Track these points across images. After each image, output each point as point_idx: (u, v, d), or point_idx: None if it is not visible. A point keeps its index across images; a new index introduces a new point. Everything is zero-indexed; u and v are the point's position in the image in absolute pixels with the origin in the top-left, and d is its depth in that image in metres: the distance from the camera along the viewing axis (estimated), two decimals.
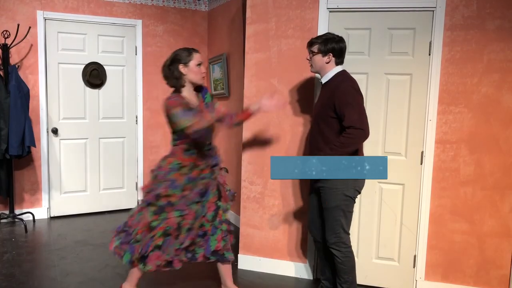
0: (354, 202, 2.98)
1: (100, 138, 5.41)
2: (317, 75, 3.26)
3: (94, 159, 5.40)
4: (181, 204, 2.77)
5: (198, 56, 2.81)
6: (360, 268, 3.53)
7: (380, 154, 3.43)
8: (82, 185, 5.37)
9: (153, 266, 2.81)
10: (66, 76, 5.16)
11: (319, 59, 2.94)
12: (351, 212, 2.97)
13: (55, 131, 5.14)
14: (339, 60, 2.96)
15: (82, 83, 5.24)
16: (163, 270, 2.89)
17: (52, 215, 5.22)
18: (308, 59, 3.05)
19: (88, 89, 5.29)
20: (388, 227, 3.48)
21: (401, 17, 3.32)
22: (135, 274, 2.98)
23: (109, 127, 5.46)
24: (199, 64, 2.80)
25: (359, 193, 2.99)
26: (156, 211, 2.77)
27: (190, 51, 2.80)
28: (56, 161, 5.19)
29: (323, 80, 2.99)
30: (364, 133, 2.75)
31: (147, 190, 2.84)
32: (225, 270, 3.11)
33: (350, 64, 3.40)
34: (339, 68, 2.95)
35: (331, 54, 2.91)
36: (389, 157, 3.40)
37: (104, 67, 5.32)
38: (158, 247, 2.79)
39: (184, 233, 2.81)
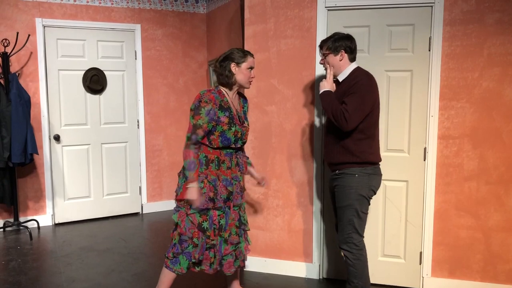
0: (369, 203, 2.93)
1: (102, 143, 5.41)
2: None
3: (96, 165, 5.41)
4: (219, 201, 2.76)
5: (251, 61, 2.81)
6: None
7: (383, 151, 3.41)
8: (85, 191, 5.37)
9: (205, 266, 2.82)
10: (67, 82, 5.17)
11: (332, 59, 2.90)
12: (365, 213, 2.90)
13: (57, 138, 5.15)
14: (352, 56, 2.92)
15: (83, 89, 5.25)
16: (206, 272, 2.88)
17: (56, 222, 5.22)
18: (321, 64, 3.01)
19: (88, 95, 5.29)
20: (393, 224, 3.47)
21: (399, 13, 3.31)
22: (167, 277, 2.88)
23: (111, 132, 5.47)
24: (250, 68, 2.80)
25: (375, 193, 2.93)
26: (201, 212, 2.75)
27: (245, 53, 2.80)
28: (59, 168, 5.20)
29: (341, 78, 2.93)
30: (346, 125, 2.73)
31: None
32: (234, 272, 3.09)
33: None
34: (354, 65, 2.92)
35: (342, 51, 2.87)
36: (392, 154, 3.41)
37: (104, 72, 5.33)
38: (212, 246, 2.79)
39: (234, 233, 2.86)
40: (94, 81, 5.25)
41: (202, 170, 2.76)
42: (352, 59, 2.92)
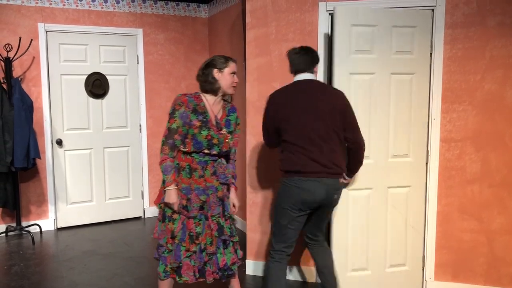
0: (294, 215, 2.77)
1: (104, 147, 5.42)
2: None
3: (99, 169, 5.41)
4: (194, 210, 2.73)
5: (233, 66, 2.80)
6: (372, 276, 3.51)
7: (388, 157, 3.37)
8: (88, 195, 5.37)
9: (188, 276, 2.77)
10: (69, 87, 5.18)
11: None
12: (283, 224, 2.81)
13: (59, 142, 5.16)
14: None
15: (85, 93, 5.26)
16: (198, 281, 2.84)
17: (59, 226, 5.22)
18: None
19: (91, 99, 5.30)
20: (397, 229, 3.44)
21: (401, 15, 3.30)
22: (161, 284, 2.88)
23: (113, 136, 5.47)
24: (233, 73, 2.80)
25: (297, 207, 2.75)
26: (174, 220, 2.74)
27: (227, 59, 2.78)
28: (62, 172, 5.21)
29: None
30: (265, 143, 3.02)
31: (162, 199, 2.78)
32: (235, 283, 3.03)
33: (355, 64, 3.36)
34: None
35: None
36: (395, 160, 3.36)
37: (107, 76, 5.34)
38: (192, 254, 2.76)
39: (209, 243, 2.78)
40: (97, 86, 5.26)
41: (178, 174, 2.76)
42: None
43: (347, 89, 3.13)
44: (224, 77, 2.75)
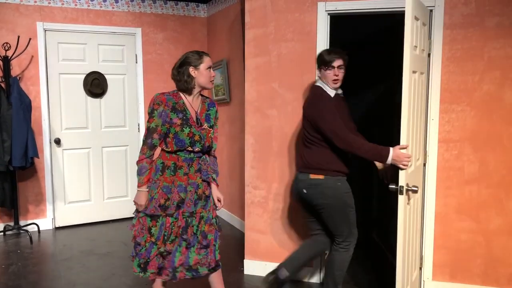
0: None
1: (102, 147, 5.42)
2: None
3: (97, 168, 5.40)
4: (172, 207, 2.71)
5: (208, 60, 2.79)
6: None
7: None
8: (86, 195, 5.37)
9: (151, 271, 2.75)
10: (67, 86, 5.18)
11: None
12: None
13: (57, 142, 5.15)
14: None
15: (84, 92, 5.26)
16: (163, 279, 2.81)
17: (57, 226, 5.22)
18: (336, 78, 2.97)
19: (89, 98, 5.30)
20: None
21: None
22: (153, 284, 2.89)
23: (112, 135, 5.47)
24: (209, 68, 2.79)
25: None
26: (152, 217, 2.72)
27: (200, 54, 2.77)
28: (60, 172, 5.20)
29: (340, 91, 3.10)
30: None
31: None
32: (216, 283, 2.97)
33: None
34: None
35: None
36: None
37: (105, 76, 5.34)
38: (162, 254, 2.73)
39: (170, 240, 2.74)
40: (95, 85, 5.25)
41: (158, 176, 2.72)
42: None
43: None
44: (201, 73, 2.74)
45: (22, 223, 4.97)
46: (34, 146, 4.68)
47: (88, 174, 5.36)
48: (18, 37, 4.77)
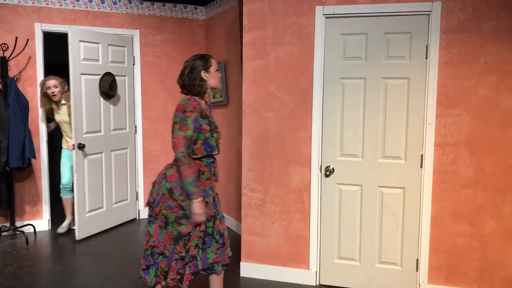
0: None
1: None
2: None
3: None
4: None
5: (215, 62, 2.83)
6: (363, 272, 3.53)
7: (380, 158, 3.43)
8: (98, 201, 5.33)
9: (171, 277, 2.72)
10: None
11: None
12: None
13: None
14: None
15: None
16: (170, 284, 2.80)
17: (53, 227, 5.21)
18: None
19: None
20: (390, 231, 3.47)
21: (397, 21, 3.33)
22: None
23: (112, 137, 5.44)
24: (217, 70, 2.84)
25: None
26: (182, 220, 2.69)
27: (207, 58, 2.79)
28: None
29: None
30: None
31: (164, 206, 2.70)
32: (217, 284, 2.99)
33: (348, 69, 3.42)
34: None
35: None
36: (389, 161, 3.42)
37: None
38: (193, 258, 2.72)
39: (194, 245, 2.74)
40: (112, 87, 5.04)
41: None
42: None
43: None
44: (212, 75, 2.78)
45: (18, 224, 4.95)
46: (31, 147, 4.67)
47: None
48: (16, 38, 4.76)
